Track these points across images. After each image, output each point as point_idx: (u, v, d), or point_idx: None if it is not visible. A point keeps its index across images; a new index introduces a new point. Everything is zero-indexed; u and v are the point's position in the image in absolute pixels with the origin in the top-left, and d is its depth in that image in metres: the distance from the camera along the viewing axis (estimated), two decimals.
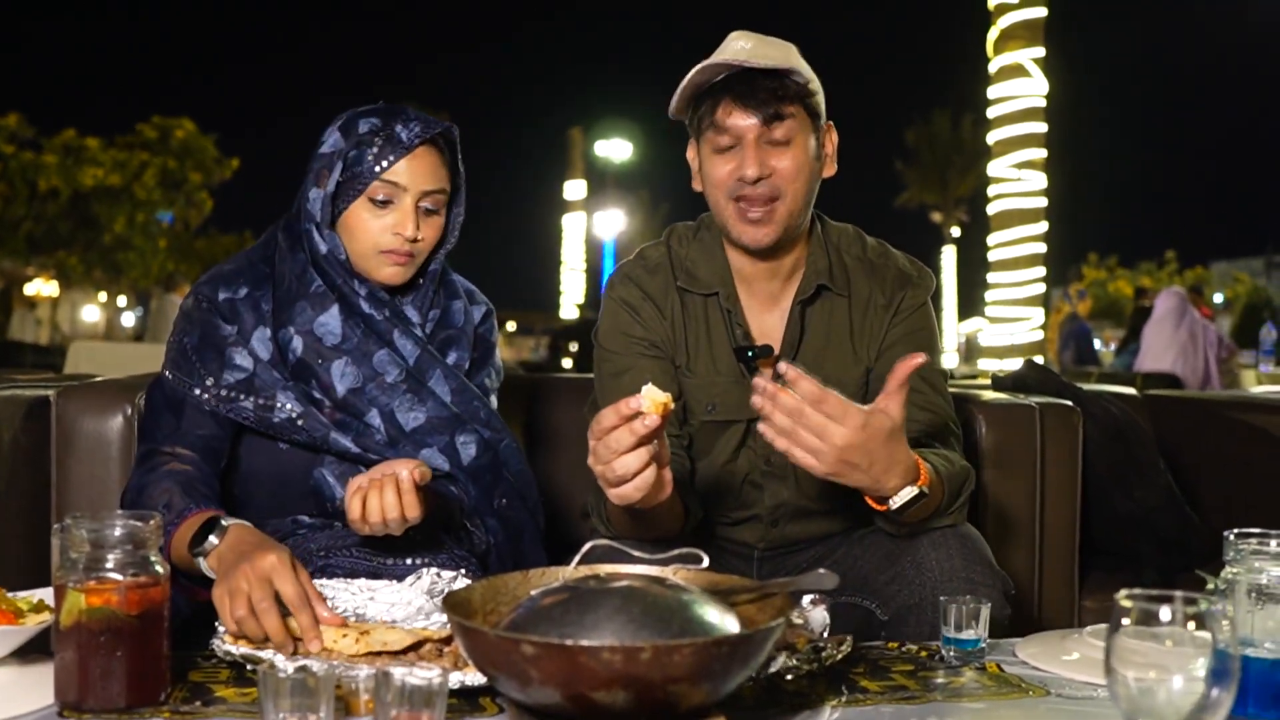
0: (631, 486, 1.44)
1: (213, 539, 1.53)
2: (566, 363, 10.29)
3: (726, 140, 1.82)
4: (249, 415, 1.80)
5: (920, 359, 1.54)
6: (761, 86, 1.78)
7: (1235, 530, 1.25)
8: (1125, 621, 0.95)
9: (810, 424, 1.46)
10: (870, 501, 1.62)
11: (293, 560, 1.42)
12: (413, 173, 1.82)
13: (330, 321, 1.84)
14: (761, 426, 1.49)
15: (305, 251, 1.85)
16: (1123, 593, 0.96)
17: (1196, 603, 0.93)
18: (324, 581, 1.50)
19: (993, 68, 11.01)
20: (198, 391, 1.79)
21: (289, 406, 1.80)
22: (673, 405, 1.42)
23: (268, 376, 1.81)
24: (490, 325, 2.06)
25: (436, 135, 1.85)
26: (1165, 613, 0.93)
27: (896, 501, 1.58)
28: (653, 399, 1.40)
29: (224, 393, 1.79)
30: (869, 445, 1.49)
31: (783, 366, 1.48)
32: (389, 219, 1.82)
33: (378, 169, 1.80)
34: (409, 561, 1.65)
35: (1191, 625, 0.93)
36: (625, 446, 1.41)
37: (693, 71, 1.82)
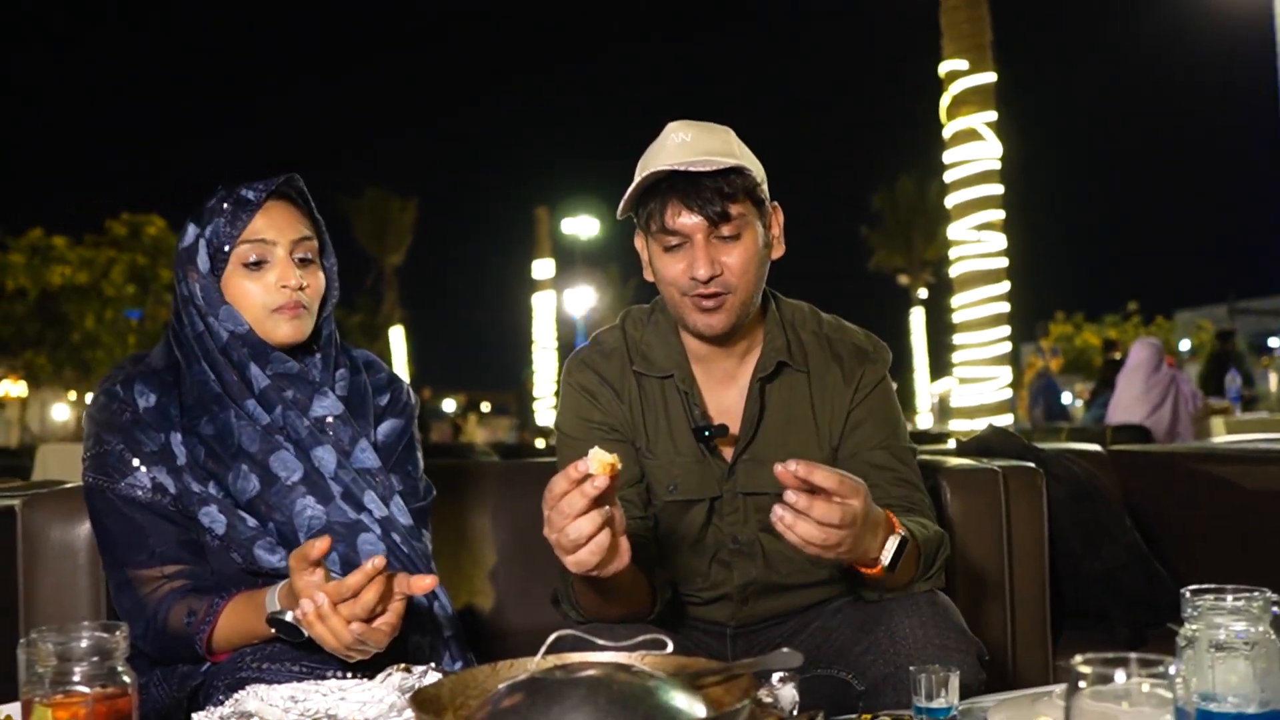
0: (586, 551, 1.47)
1: (287, 616, 1.58)
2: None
3: (675, 240, 1.84)
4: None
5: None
6: (706, 186, 1.79)
7: (1191, 587, 1.27)
8: (1082, 685, 0.96)
9: (845, 520, 1.49)
10: (862, 570, 1.65)
11: (290, 583, 1.56)
12: (274, 225, 1.83)
13: (229, 424, 1.81)
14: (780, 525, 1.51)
15: (200, 361, 1.83)
16: (1078, 657, 0.97)
17: (1152, 663, 0.95)
18: (296, 685, 1.50)
19: (947, 133, 11.22)
20: (141, 493, 1.78)
21: (215, 520, 1.78)
22: (620, 466, 1.45)
23: (187, 489, 1.79)
24: (395, 392, 2.02)
25: (287, 189, 1.86)
26: (1121, 674, 0.95)
27: (887, 556, 1.61)
28: (600, 460, 1.43)
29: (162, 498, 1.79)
30: (868, 509, 1.54)
31: (794, 465, 1.48)
32: (269, 276, 1.82)
33: (236, 232, 1.81)
34: (347, 675, 1.59)
35: (1147, 686, 0.95)
36: (578, 510, 1.44)
37: (638, 177, 1.84)
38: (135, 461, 1.79)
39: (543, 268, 28.49)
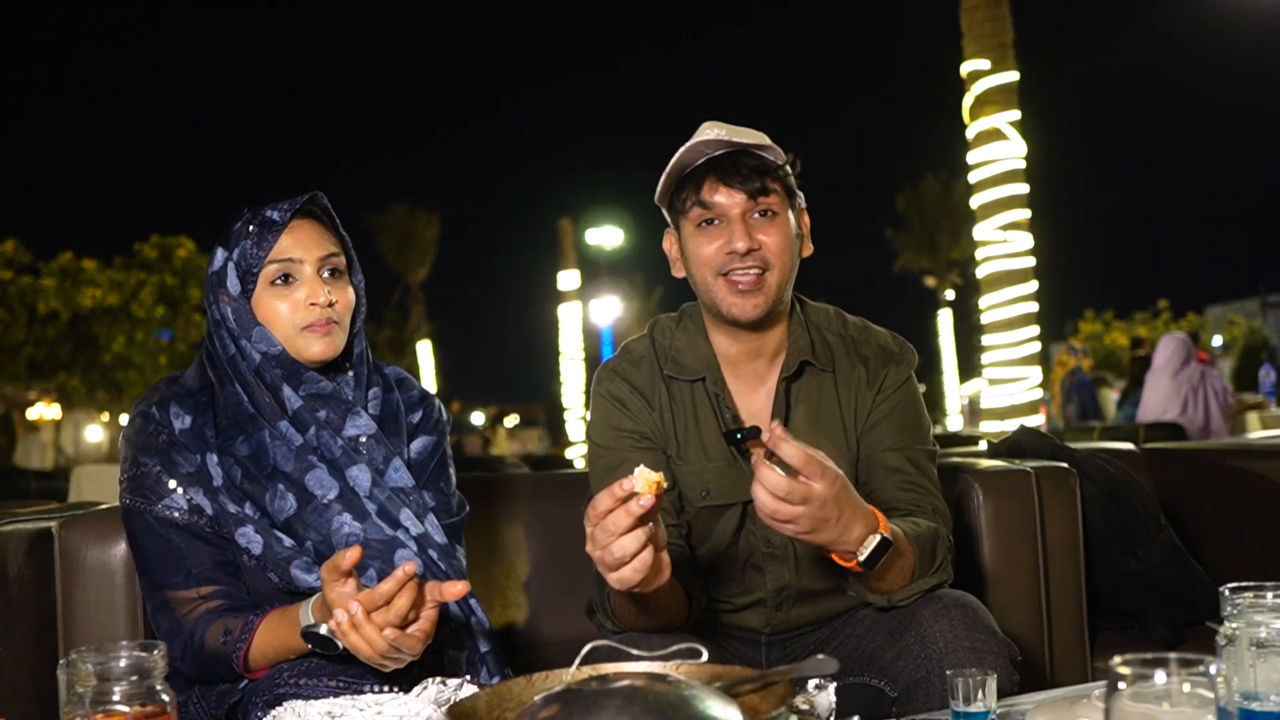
0: (630, 569, 1.46)
1: (321, 629, 1.59)
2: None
3: (712, 217, 1.86)
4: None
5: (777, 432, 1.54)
6: (744, 164, 1.84)
7: (1230, 585, 1.25)
8: (1121, 686, 0.95)
9: (794, 495, 1.50)
10: (840, 560, 1.65)
11: (322, 597, 1.58)
12: (300, 243, 1.84)
13: (264, 444, 1.82)
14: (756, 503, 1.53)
15: (234, 383, 1.84)
16: (1117, 658, 0.97)
17: (1192, 663, 0.94)
18: (333, 700, 1.50)
19: (970, 133, 11.13)
20: (178, 515, 1.79)
21: (252, 542, 1.78)
22: (666, 484, 1.44)
23: (225, 511, 1.79)
24: (428, 409, 2.03)
25: (312, 207, 1.87)
26: (1161, 675, 0.94)
27: (864, 551, 1.61)
28: (646, 479, 1.42)
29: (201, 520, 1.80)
30: (839, 497, 1.54)
31: (774, 425, 1.51)
32: (298, 294, 1.83)
33: (263, 253, 1.82)
34: (384, 689, 1.59)
35: (1188, 686, 0.94)
36: (622, 528, 1.43)
37: (677, 154, 1.86)
38: (172, 483, 1.80)
39: (568, 279, 28.46)
